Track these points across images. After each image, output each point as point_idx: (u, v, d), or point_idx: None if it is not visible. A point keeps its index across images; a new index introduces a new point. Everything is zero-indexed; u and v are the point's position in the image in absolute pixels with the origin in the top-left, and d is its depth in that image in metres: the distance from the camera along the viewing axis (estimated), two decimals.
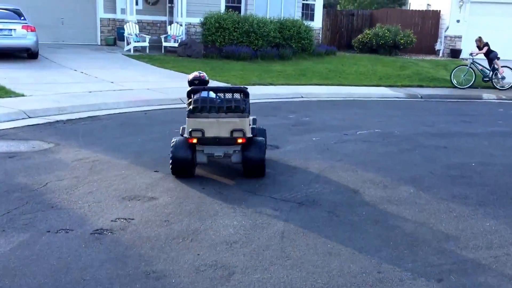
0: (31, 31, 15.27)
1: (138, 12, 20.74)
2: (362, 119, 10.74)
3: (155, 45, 20.19)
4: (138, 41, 19.43)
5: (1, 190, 5.41)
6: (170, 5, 21.75)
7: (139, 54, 18.75)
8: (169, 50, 19.77)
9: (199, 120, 5.92)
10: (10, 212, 4.82)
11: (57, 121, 9.03)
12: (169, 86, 13.28)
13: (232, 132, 5.97)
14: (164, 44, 19.75)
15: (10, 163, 6.44)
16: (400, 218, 5.21)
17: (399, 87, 15.85)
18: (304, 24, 20.91)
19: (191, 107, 5.94)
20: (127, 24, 19.57)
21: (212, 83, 13.79)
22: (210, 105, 5.93)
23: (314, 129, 9.39)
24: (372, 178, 6.54)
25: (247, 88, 6.22)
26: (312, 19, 22.95)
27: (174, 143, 6.08)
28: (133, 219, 4.84)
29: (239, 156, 6.17)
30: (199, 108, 5.91)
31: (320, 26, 23.82)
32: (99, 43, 21.52)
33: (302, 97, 13.44)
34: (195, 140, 5.98)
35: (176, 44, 19.45)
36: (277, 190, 5.87)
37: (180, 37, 19.80)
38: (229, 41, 19.14)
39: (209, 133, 5.94)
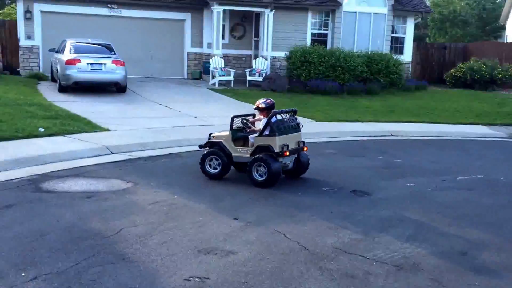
0: (121, 65, 15.64)
1: (224, 46, 20.84)
2: (461, 162, 9.74)
3: (240, 79, 20.14)
4: (223, 75, 19.46)
5: (74, 236, 5.11)
6: (255, 39, 21.73)
7: (224, 88, 18.72)
8: (254, 84, 19.62)
9: (285, 137, 7.37)
10: (79, 263, 4.47)
11: (139, 158, 8.86)
12: None
13: (298, 143, 7.64)
14: (249, 78, 19.65)
15: (87, 204, 6.20)
16: None
17: (499, 126, 14.53)
18: (393, 57, 20.06)
19: (280, 127, 7.34)
20: (213, 58, 19.70)
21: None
22: (287, 125, 7.53)
23: (407, 173, 8.56)
24: (481, 237, 5.64)
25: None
26: (401, 52, 22.03)
27: (268, 161, 7.16)
28: (208, 278, 4.32)
29: (293, 162, 7.71)
30: (287, 128, 7.45)
31: (410, 59, 22.80)
32: (186, 77, 21.84)
33: (392, 135, 12.58)
34: (288, 153, 7.29)
35: (260, 78, 19.27)
36: (370, 248, 5.16)
37: (264, 71, 19.62)
38: (315, 75, 18.67)
39: (290, 146, 7.41)
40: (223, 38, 20.85)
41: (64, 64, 15.00)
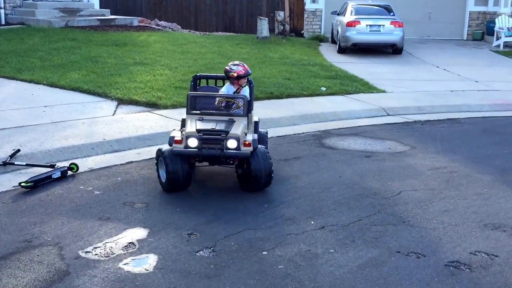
0: (399, 26, 15.38)
1: None
2: None
3: None
4: (510, 36, 17.51)
5: (355, 193, 5.32)
6: None
7: (510, 50, 16.87)
8: None
9: None
10: (361, 220, 4.64)
11: (415, 121, 8.68)
12: None
13: None
14: None
15: (366, 163, 6.36)
16: None
17: None
18: None
19: None
20: (499, 17, 17.84)
21: None
22: None
23: None
24: None
25: None
26: None
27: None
28: (497, 256, 4.02)
29: None
30: None
31: None
32: (465, 38, 20.34)
33: None
34: None
35: None
36: None
37: None
38: None
39: None
40: None
41: (345, 26, 15.43)
